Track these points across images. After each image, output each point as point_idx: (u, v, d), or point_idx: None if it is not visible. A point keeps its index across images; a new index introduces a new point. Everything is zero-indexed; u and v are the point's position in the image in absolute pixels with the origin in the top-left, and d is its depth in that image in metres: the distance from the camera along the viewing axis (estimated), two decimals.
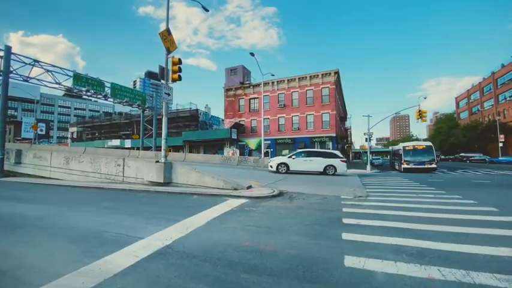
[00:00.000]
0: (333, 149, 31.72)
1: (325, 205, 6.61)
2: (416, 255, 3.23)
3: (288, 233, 4.28)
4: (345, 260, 3.09)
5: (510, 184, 12.14)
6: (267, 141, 34.13)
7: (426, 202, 7.11)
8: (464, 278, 2.63)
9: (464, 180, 14.29)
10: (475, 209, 6.09)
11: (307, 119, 33.75)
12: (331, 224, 4.80)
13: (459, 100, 73.05)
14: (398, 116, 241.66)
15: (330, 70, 32.46)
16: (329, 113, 32.66)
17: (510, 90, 48.90)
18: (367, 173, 22.51)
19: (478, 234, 4.16)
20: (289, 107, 34.67)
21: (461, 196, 7.96)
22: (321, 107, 32.99)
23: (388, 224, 4.68)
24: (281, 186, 10.28)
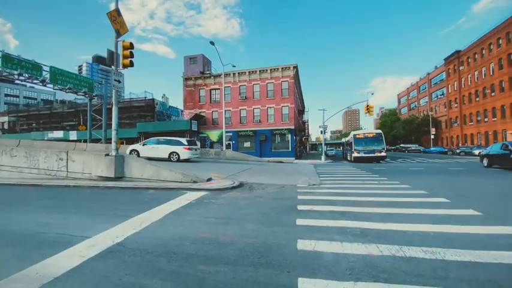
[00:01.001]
0: (291, 141, 33.14)
1: (282, 194, 6.91)
2: (359, 235, 3.61)
3: (246, 222, 4.38)
4: (298, 244, 3.29)
5: (438, 171, 14.15)
6: (229, 133, 33.93)
7: (370, 188, 7.92)
8: (397, 252, 3.03)
9: (402, 168, 16.23)
10: (410, 192, 6.99)
11: (268, 111, 34.36)
12: (286, 211, 5.04)
13: (400, 97, 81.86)
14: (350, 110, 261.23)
15: (289, 64, 33.35)
16: (288, 106, 33.72)
17: (440, 89, 56.46)
18: (322, 163, 24.06)
19: (410, 214, 4.80)
20: (250, 100, 34.80)
21: (400, 182, 9.07)
22: (281, 100, 33.84)
23: (337, 209, 5.11)
24: (242, 177, 10.39)
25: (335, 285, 2.33)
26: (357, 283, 2.35)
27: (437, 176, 11.44)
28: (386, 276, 2.48)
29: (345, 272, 2.56)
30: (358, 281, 2.39)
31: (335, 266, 2.70)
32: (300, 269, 2.64)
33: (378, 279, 2.42)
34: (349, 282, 2.36)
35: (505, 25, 36.71)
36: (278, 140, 33.91)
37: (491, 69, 39.67)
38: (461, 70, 47.91)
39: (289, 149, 33.04)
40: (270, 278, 2.47)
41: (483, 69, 41.74)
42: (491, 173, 12.05)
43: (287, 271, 2.59)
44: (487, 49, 40.85)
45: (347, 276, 2.49)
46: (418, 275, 2.50)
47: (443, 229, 3.84)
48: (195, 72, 36.93)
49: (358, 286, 2.30)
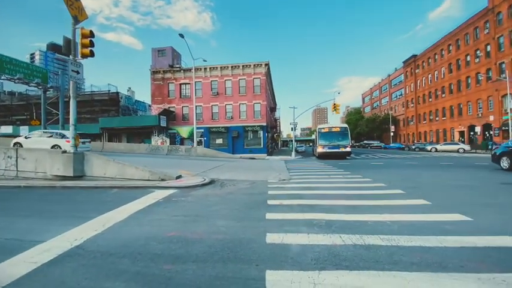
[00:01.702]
0: (263, 138, 33.50)
1: (253, 189, 6.99)
2: (324, 227, 3.80)
3: (217, 218, 4.36)
4: (267, 238, 3.37)
5: (396, 165, 15.36)
6: (200, 129, 33.21)
7: (336, 182, 8.36)
8: (358, 241, 3.25)
9: (365, 163, 17.34)
10: (371, 185, 7.52)
11: (240, 108, 34.24)
12: (257, 206, 5.12)
13: (364, 96, 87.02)
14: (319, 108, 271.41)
15: (261, 61, 33.51)
16: (260, 103, 33.94)
17: (399, 90, 61.11)
18: (292, 159, 24.71)
19: (371, 205, 5.17)
20: (222, 95, 34.36)
21: (362, 176, 9.70)
22: (253, 97, 33.93)
23: (305, 202, 5.32)
24: (213, 174, 10.28)
25: (301, 275, 2.43)
26: (321, 272, 2.48)
27: (395, 170, 12.43)
28: (348, 264, 2.65)
29: (311, 262, 2.69)
30: (323, 270, 2.53)
31: (301, 257, 2.81)
32: (268, 262, 2.71)
33: (340, 267, 2.58)
34: (314, 272, 2.48)
35: (454, 33, 40.79)
36: (250, 136, 34.03)
37: (443, 72, 43.92)
38: (417, 73, 52.34)
39: (261, 146, 33.36)
40: (239, 272, 2.50)
41: (435, 72, 46.04)
42: (441, 167, 13.40)
43: (256, 265, 2.64)
44: (439, 54, 45.08)
45: (312, 266, 2.61)
46: (376, 261, 2.71)
47: (399, 218, 4.21)
48: (163, 65, 35.37)
49: (322, 275, 2.43)
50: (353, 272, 2.46)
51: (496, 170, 10.98)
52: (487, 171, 10.91)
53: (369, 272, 2.47)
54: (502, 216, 4.30)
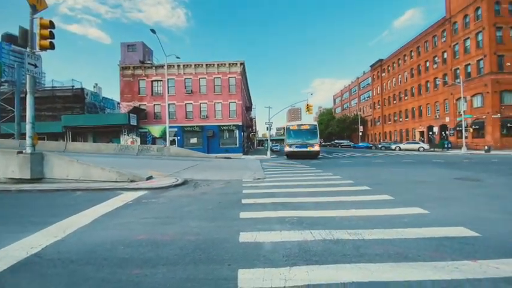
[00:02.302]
0: (239, 137, 33.43)
1: (228, 189, 6.96)
2: (296, 223, 3.91)
3: (189, 219, 4.27)
4: (240, 237, 3.38)
5: (363, 163, 16.22)
6: (173, 128, 32.23)
7: (308, 179, 8.62)
8: (327, 236, 3.39)
9: (336, 161, 18.09)
10: (340, 183, 7.87)
11: (216, 107, 33.82)
12: (231, 205, 5.11)
13: (335, 98, 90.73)
14: (293, 108, 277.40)
15: (237, 61, 33.39)
16: (236, 103, 33.82)
17: (367, 92, 64.61)
18: (268, 158, 24.99)
19: (340, 201, 5.41)
20: (196, 94, 33.65)
21: (332, 173, 10.11)
22: (229, 96, 33.70)
23: (278, 200, 5.42)
24: (187, 174, 10.05)
25: (272, 272, 2.47)
26: (292, 268, 2.55)
27: (363, 167, 13.13)
28: (317, 258, 2.75)
29: (282, 259, 2.75)
30: (294, 266, 2.60)
31: (273, 254, 2.87)
32: (241, 261, 2.72)
33: (310, 262, 2.67)
34: (285, 268, 2.54)
35: (415, 41, 44.07)
36: (226, 136, 33.77)
37: (405, 77, 47.26)
38: (383, 76, 55.75)
39: (237, 145, 33.25)
40: (211, 273, 2.48)
41: (399, 76, 49.40)
42: (403, 164, 14.41)
43: (228, 264, 2.64)
44: (402, 60, 48.42)
45: (283, 262, 2.67)
46: (343, 254, 2.85)
47: (364, 213, 4.46)
48: (134, 61, 33.72)
49: (293, 270, 2.50)
50: (322, 266, 2.57)
51: (450, 166, 12.09)
52: (443, 167, 11.97)
53: (337, 265, 2.59)
54: (455, 208, 4.75)
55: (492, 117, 28.95)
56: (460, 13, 33.40)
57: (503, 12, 29.22)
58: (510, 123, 28.90)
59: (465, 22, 32.82)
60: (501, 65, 29.24)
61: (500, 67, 29.20)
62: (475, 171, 10.44)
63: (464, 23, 32.93)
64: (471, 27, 31.71)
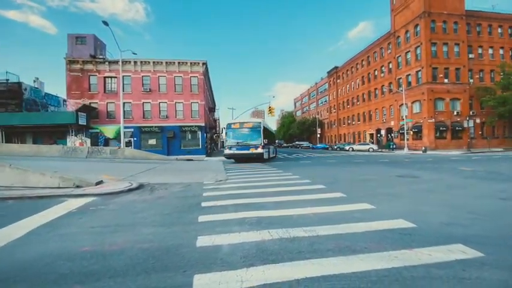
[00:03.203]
0: (202, 139, 32.62)
1: (188, 192, 6.72)
2: (255, 224, 3.94)
3: (142, 226, 4.00)
4: (198, 241, 3.28)
5: (320, 163, 17.14)
6: (129, 129, 30.11)
7: (269, 180, 8.80)
8: (284, 234, 3.48)
9: (296, 162, 18.81)
10: (298, 182, 8.18)
11: (177, 107, 32.51)
12: (190, 209, 4.94)
13: (296, 101, 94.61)
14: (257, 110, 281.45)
15: (199, 60, 32.63)
16: (198, 103, 32.98)
17: (325, 97, 68.68)
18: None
19: (297, 200, 5.62)
20: (155, 92, 31.93)
21: (292, 173, 10.48)
22: (190, 96, 32.71)
23: (239, 202, 5.41)
24: (143, 178, 9.46)
25: (229, 274, 2.45)
26: (249, 269, 2.55)
27: (320, 167, 13.88)
28: (274, 257, 2.80)
29: (240, 260, 2.74)
30: (251, 266, 2.61)
31: (231, 256, 2.84)
32: (197, 266, 2.63)
33: (267, 261, 2.71)
34: (242, 270, 2.53)
35: (366, 51, 48.30)
36: (188, 137, 32.65)
37: (358, 83, 51.44)
38: (338, 82, 59.90)
39: (199, 147, 32.36)
40: (164, 281, 2.34)
41: (352, 83, 53.58)
42: (355, 163, 15.60)
43: (183, 271, 2.53)
44: (354, 68, 52.64)
45: (241, 264, 2.66)
46: (299, 251, 2.95)
47: (320, 210, 4.70)
48: (83, 54, 30.65)
49: (250, 271, 2.50)
50: (278, 265, 2.62)
51: (394, 165, 13.46)
52: (388, 166, 13.27)
53: (292, 262, 2.67)
54: (396, 203, 5.28)
55: (428, 122, 33.11)
56: (403, 29, 37.58)
57: (437, 30, 33.68)
58: (442, 127, 33.39)
59: (406, 37, 37.03)
60: (435, 76, 33.65)
61: (435, 78, 33.59)
62: (413, 169, 11.79)
63: (406, 38, 37.12)
64: (411, 42, 35.90)
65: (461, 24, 34.17)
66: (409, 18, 35.99)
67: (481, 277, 2.34)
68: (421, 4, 33.57)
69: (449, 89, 33.61)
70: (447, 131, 33.51)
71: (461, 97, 33.89)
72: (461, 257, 2.74)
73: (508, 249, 2.91)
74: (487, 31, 35.89)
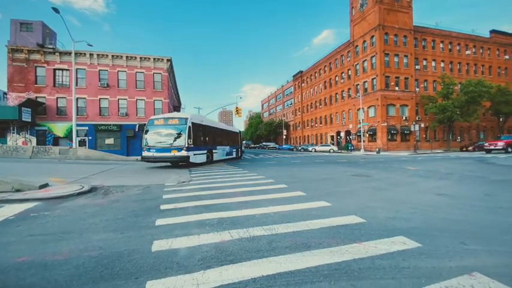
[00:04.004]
0: None
1: (146, 195, 6.39)
2: (216, 225, 3.91)
3: (92, 233, 3.70)
4: (153, 246, 3.14)
5: (285, 163, 17.63)
6: (83, 126, 27.68)
7: (234, 180, 8.79)
8: (244, 234, 3.51)
9: (262, 162, 19.09)
10: (262, 182, 8.32)
11: (138, 104, 30.73)
12: (147, 213, 4.70)
13: (263, 103, 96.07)
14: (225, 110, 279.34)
15: (163, 56, 31.29)
16: (162, 101, 31.59)
17: (290, 100, 70.87)
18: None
19: (260, 199, 5.70)
20: (114, 88, 29.78)
21: (257, 173, 10.62)
22: (153, 93, 31.19)
23: (201, 203, 5.31)
24: (97, 180, 8.75)
25: (185, 278, 2.39)
26: (206, 271, 2.52)
27: (283, 167, 14.26)
28: (232, 258, 2.81)
29: (197, 263, 2.69)
30: (208, 268, 2.58)
31: (188, 260, 2.78)
32: (151, 272, 2.52)
33: (225, 262, 2.71)
34: (198, 273, 2.49)
35: (328, 58, 51.04)
36: None
37: (320, 88, 54.11)
38: (303, 86, 62.34)
39: None
40: None
41: (315, 87, 56.20)
42: (317, 164, 16.37)
43: (135, 278, 2.41)
44: (318, 73, 55.30)
45: (198, 266, 2.62)
46: (257, 250, 3.00)
47: (280, 209, 4.84)
48: (29, 43, 27.30)
49: (206, 273, 2.48)
50: (236, 265, 2.64)
51: (350, 165, 14.43)
52: (345, 166, 14.18)
53: (250, 262, 2.71)
54: (350, 200, 5.67)
55: (381, 125, 36.19)
56: (361, 39, 40.53)
57: (389, 42, 37.00)
58: (393, 130, 36.76)
59: (364, 47, 40.03)
60: (388, 84, 36.92)
61: (387, 85, 36.84)
62: (367, 168, 12.79)
63: (363, 48, 40.12)
64: (368, 52, 38.91)
65: (410, 38, 38.06)
66: (366, 29, 39.00)
67: (418, 265, 2.62)
68: (376, 17, 36.62)
69: (399, 96, 37.19)
70: (397, 134, 37.00)
71: (409, 104, 37.73)
72: (402, 248, 3.04)
73: (442, 240, 3.30)
74: (431, 45, 40.52)
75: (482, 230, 3.68)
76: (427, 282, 2.31)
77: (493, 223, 3.98)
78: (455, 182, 7.99)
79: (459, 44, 42.32)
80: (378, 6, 36.36)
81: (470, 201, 5.47)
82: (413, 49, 38.48)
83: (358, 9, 41.23)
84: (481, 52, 43.92)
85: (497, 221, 4.07)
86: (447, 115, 32.71)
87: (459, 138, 41.52)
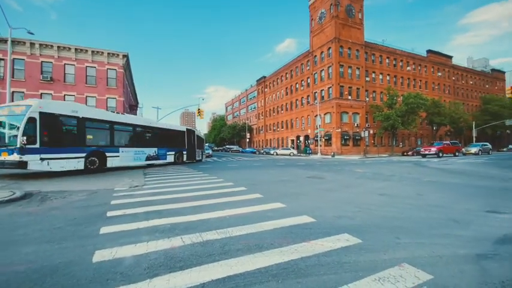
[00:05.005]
0: None
1: (92, 201, 5.85)
2: (168, 231, 3.76)
3: (22, 245, 3.26)
4: (95, 256, 2.89)
5: (247, 166, 17.76)
6: None
7: (192, 184, 8.56)
8: (197, 239, 3.44)
9: (224, 165, 18.94)
10: (222, 185, 8.26)
11: (88, 101, 27.99)
12: (91, 220, 4.30)
13: (227, 106, 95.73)
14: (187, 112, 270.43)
15: (119, 51, 29.18)
16: (116, 99, 29.34)
17: (253, 104, 71.89)
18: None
19: (218, 203, 5.65)
20: (60, 83, 26.74)
21: (217, 177, 10.50)
22: (106, 90, 28.81)
23: (153, 209, 5.05)
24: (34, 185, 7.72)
25: None
26: (152, 279, 2.41)
27: (245, 170, 14.38)
28: (182, 264, 2.73)
29: (143, 272, 2.55)
30: (155, 276, 2.46)
31: (134, 269, 2.62)
32: (90, 285, 2.32)
33: (174, 269, 2.61)
34: (144, 282, 2.37)
35: (289, 65, 53.21)
36: None
37: (282, 94, 56.04)
38: (266, 91, 63.85)
39: None
40: None
41: (277, 93, 58.04)
42: (278, 166, 16.83)
43: None
44: (280, 80, 57.23)
45: (144, 275, 2.49)
46: (209, 255, 2.97)
47: (237, 211, 4.86)
48: None
49: (153, 282, 2.37)
50: (185, 271, 2.57)
51: (307, 168, 15.18)
52: (302, 169, 14.87)
53: (201, 267, 2.66)
54: (304, 201, 5.95)
55: (336, 131, 38.86)
56: (319, 49, 43.16)
57: (344, 55, 40.10)
58: (346, 136, 39.75)
59: (322, 57, 42.70)
60: (342, 93, 39.88)
61: (342, 94, 39.78)
62: (322, 171, 13.59)
63: (321, 58, 42.79)
64: (325, 62, 41.60)
65: (361, 52, 41.79)
66: (324, 41, 41.71)
67: (357, 260, 2.86)
68: (333, 31, 39.45)
69: (351, 104, 40.43)
70: (350, 139, 40.12)
71: (360, 112, 41.24)
72: (345, 245, 3.29)
73: (380, 235, 3.65)
74: (379, 60, 45.01)
75: (413, 225, 4.17)
76: (364, 275, 2.54)
77: (422, 219, 4.54)
78: (395, 183, 8.95)
79: (402, 61, 47.86)
80: (335, 21, 39.24)
81: (406, 200, 6.17)
82: (364, 62, 42.34)
83: (317, 21, 43.90)
84: (419, 69, 50.29)
85: (426, 217, 4.65)
86: (391, 123, 36.53)
87: (401, 144, 46.69)
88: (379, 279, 2.45)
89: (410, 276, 2.49)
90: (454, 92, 56.08)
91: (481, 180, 9.35)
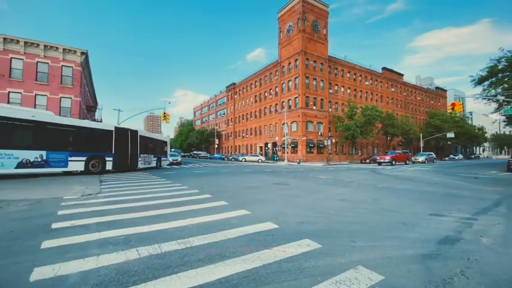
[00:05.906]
0: None
1: (34, 211, 5.20)
2: (122, 243, 3.48)
3: None
4: (33, 275, 2.55)
5: (214, 173, 17.45)
6: None
7: (153, 192, 8.12)
8: (154, 250, 3.24)
9: (190, 171, 18.35)
10: (185, 192, 7.97)
11: (37, 100, 25.18)
12: (31, 234, 3.81)
13: (196, 111, 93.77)
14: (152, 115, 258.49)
15: (77, 48, 26.96)
16: (71, 99, 26.87)
17: (223, 110, 71.48)
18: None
19: (178, 211, 5.41)
20: (4, 78, 23.70)
21: (181, 184, 10.13)
22: (60, 89, 26.27)
23: (106, 219, 4.66)
24: None
25: None
26: None
27: (212, 177, 14.10)
28: (136, 279, 2.54)
29: None
30: None
31: (79, 287, 2.37)
32: None
33: (127, 284, 2.42)
34: None
35: (258, 74, 54.27)
36: None
37: (251, 101, 56.71)
38: (236, 98, 64.05)
39: None
40: None
41: (247, 100, 58.59)
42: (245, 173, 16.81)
43: None
44: (249, 87, 57.95)
45: None
46: (167, 267, 2.81)
47: (200, 220, 4.71)
48: None
49: None
50: (139, 286, 2.40)
51: (274, 174, 15.42)
52: (269, 175, 15.07)
53: (156, 280, 2.51)
54: (269, 207, 6.00)
55: (302, 139, 40.33)
56: (286, 60, 44.80)
57: (310, 67, 42.15)
58: (311, 144, 41.47)
59: (289, 68, 44.35)
60: (308, 103, 41.70)
61: (307, 104, 41.57)
62: (288, 177, 13.92)
63: (289, 69, 44.43)
64: (292, 73, 43.26)
65: (325, 66, 44.36)
66: (291, 53, 43.46)
67: (317, 265, 2.94)
68: (300, 44, 41.37)
69: (316, 114, 42.47)
70: (314, 147, 41.93)
71: (323, 121, 43.46)
72: (306, 250, 3.37)
73: (339, 240, 3.81)
74: (341, 74, 48.16)
75: (368, 229, 4.44)
76: (322, 279, 2.62)
77: (376, 223, 4.86)
78: (353, 189, 9.52)
79: (361, 76, 51.87)
80: (301, 34, 41.22)
81: (362, 205, 6.57)
82: (328, 75, 44.98)
83: (285, 33, 45.66)
84: (375, 84, 54.91)
85: (380, 221, 4.99)
86: (351, 133, 39.06)
87: (360, 152, 50.06)
88: (336, 282, 2.54)
89: (364, 278, 2.63)
90: (405, 106, 62.23)
91: (427, 186, 10.41)
